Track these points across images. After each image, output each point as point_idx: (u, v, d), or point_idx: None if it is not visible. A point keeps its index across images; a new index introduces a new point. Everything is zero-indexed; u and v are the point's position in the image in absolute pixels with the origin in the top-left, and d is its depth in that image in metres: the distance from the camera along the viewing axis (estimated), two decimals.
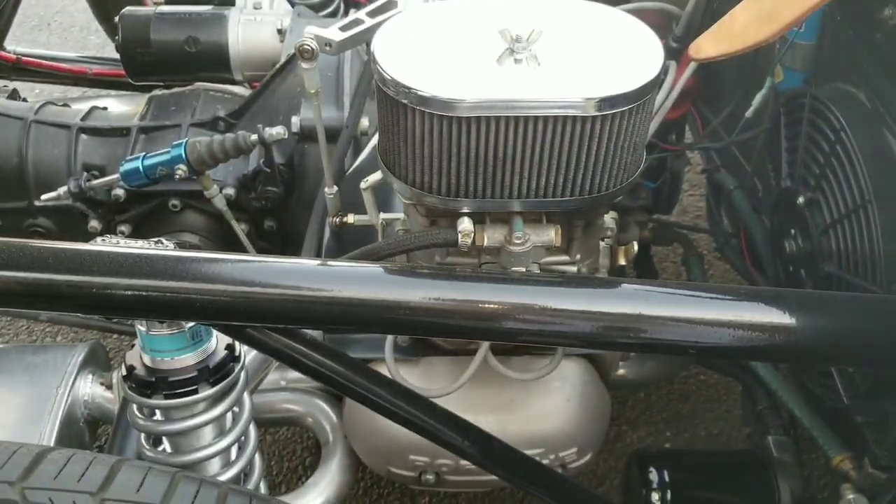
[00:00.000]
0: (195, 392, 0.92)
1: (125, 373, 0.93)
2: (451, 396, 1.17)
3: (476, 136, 0.91)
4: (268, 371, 1.24)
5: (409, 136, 0.94)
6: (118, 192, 1.47)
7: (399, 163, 0.98)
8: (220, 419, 0.97)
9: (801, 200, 1.24)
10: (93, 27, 3.21)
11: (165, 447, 1.00)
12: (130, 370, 0.92)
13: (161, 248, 0.86)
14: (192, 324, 0.89)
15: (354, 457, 1.33)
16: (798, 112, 1.27)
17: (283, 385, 1.39)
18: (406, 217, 1.12)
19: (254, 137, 1.37)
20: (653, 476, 1.33)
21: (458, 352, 1.25)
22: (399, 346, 1.24)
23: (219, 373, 0.93)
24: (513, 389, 1.24)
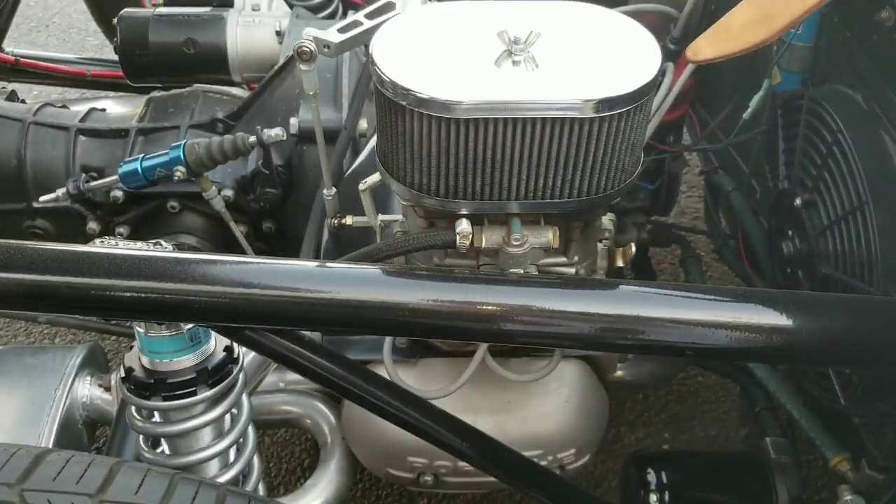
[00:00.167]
0: (194, 394, 0.92)
1: (124, 374, 0.93)
2: (450, 398, 1.17)
3: (474, 138, 0.91)
4: (266, 373, 1.24)
5: (408, 138, 0.94)
6: (117, 194, 1.47)
7: (397, 164, 0.98)
8: (219, 421, 0.97)
9: (799, 202, 1.24)
10: (91, 28, 3.21)
11: (164, 449, 1.00)
12: (129, 372, 0.92)
13: (160, 250, 0.85)
14: (191, 325, 0.89)
15: (353, 458, 1.33)
16: (795, 114, 1.27)
17: (282, 387, 1.39)
18: (404, 218, 1.12)
19: (252, 139, 1.37)
20: (651, 477, 1.34)
21: (456, 353, 1.25)
22: (397, 348, 1.24)
23: (217, 374, 0.93)
24: (511, 391, 1.24)
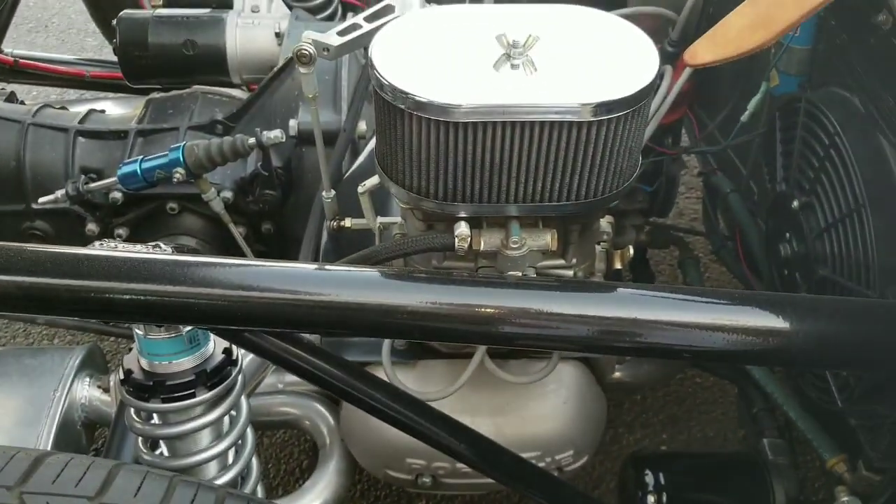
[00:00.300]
0: (193, 396, 0.92)
1: (123, 376, 0.93)
2: (448, 399, 1.18)
3: (473, 141, 0.92)
4: (265, 374, 1.24)
5: (407, 141, 0.94)
6: (116, 196, 1.47)
7: (396, 167, 0.98)
8: (218, 423, 0.97)
9: (796, 204, 1.24)
10: (90, 29, 3.21)
11: (163, 450, 1.00)
12: (128, 374, 0.93)
13: (159, 253, 0.86)
14: (190, 328, 0.90)
15: (351, 459, 1.33)
16: (793, 116, 1.27)
17: (281, 388, 1.39)
18: (403, 221, 1.12)
19: (251, 141, 1.37)
20: (648, 478, 1.34)
21: (455, 355, 1.26)
22: (396, 350, 1.25)
23: (216, 376, 0.93)
24: (509, 392, 1.24)
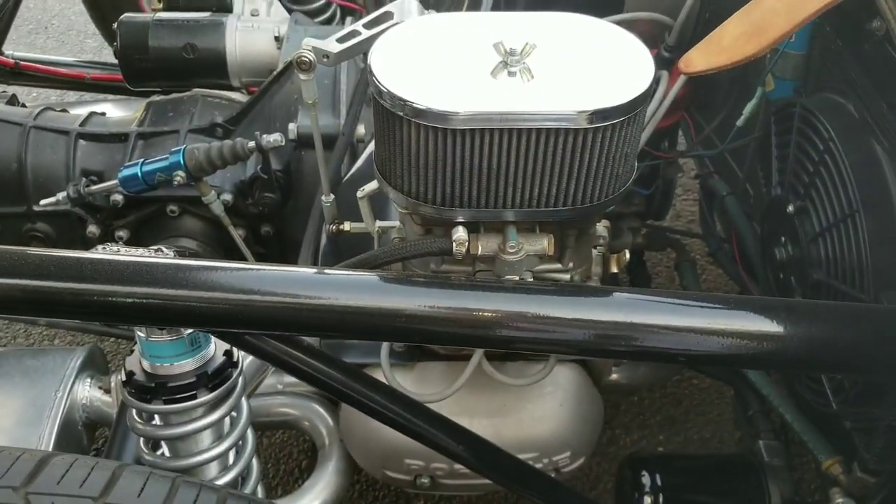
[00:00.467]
0: (194, 397, 0.93)
1: (125, 378, 0.94)
2: (446, 401, 1.19)
3: (470, 148, 0.93)
4: (265, 375, 1.26)
5: (405, 147, 0.95)
6: (117, 198, 1.48)
7: (395, 173, 1.00)
8: (219, 424, 0.98)
9: (791, 209, 1.25)
10: (90, 31, 3.22)
11: (164, 451, 1.01)
12: (130, 375, 0.94)
13: (161, 257, 0.87)
14: (192, 330, 0.91)
15: (350, 460, 1.35)
16: (788, 121, 1.29)
17: (280, 389, 1.40)
18: (402, 225, 1.13)
19: (251, 144, 1.38)
20: (645, 479, 1.35)
21: (453, 357, 1.27)
22: (394, 352, 1.26)
23: (217, 378, 0.94)
24: (507, 394, 1.25)
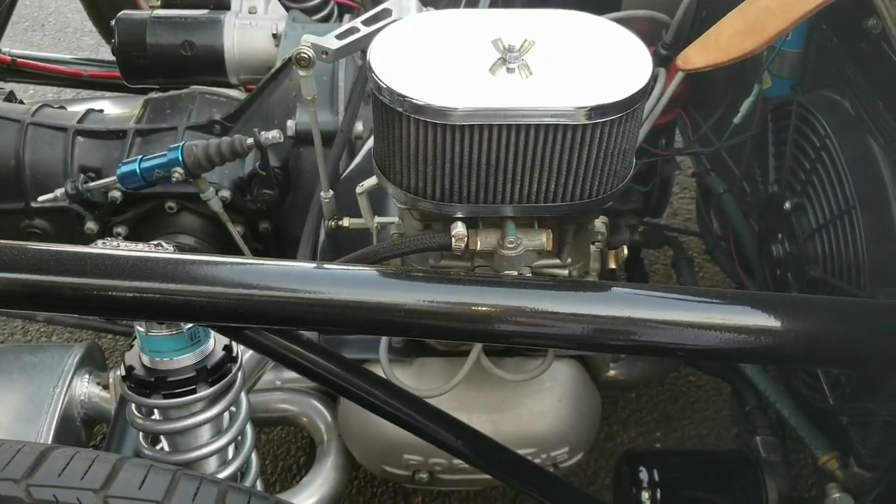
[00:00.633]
0: (194, 392, 0.93)
1: (124, 373, 0.94)
2: (444, 396, 1.19)
3: (469, 144, 0.93)
4: (264, 371, 1.26)
5: (404, 143, 0.96)
6: (115, 194, 1.49)
7: (394, 168, 1.00)
8: (218, 418, 0.99)
9: (788, 206, 1.26)
10: (87, 28, 3.22)
11: (163, 446, 1.01)
12: (130, 370, 0.94)
13: (161, 251, 0.87)
14: (191, 325, 0.91)
15: (349, 456, 1.35)
16: (785, 119, 1.29)
17: (279, 385, 1.40)
18: (400, 221, 1.14)
19: (250, 141, 1.38)
20: (643, 475, 1.36)
21: (451, 353, 1.27)
22: (393, 347, 1.26)
23: (217, 373, 0.95)
24: (505, 390, 1.26)
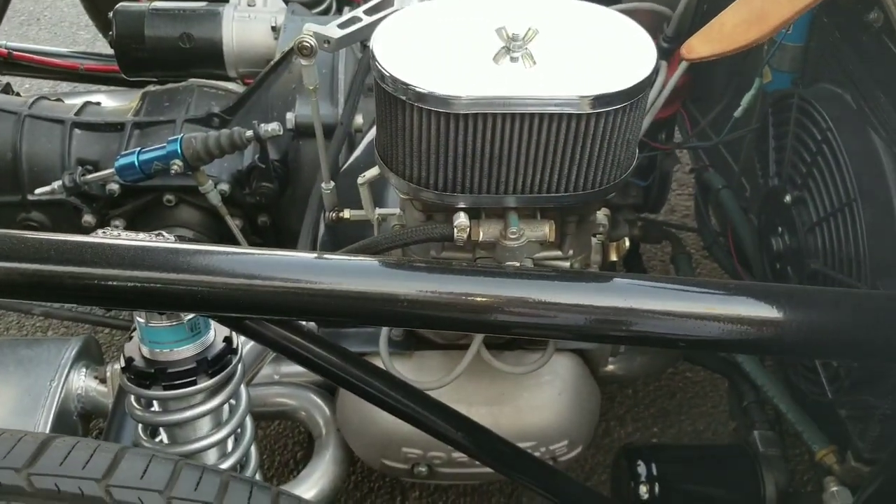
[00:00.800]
0: (194, 383, 0.93)
1: (124, 364, 0.94)
2: (444, 389, 1.19)
3: (472, 133, 0.93)
4: (262, 364, 1.25)
5: (407, 132, 0.95)
6: (113, 187, 1.48)
7: (396, 158, 0.99)
8: (218, 410, 0.98)
9: (788, 199, 1.26)
10: (82, 22, 3.21)
11: (163, 438, 1.01)
12: (129, 361, 0.93)
13: (162, 241, 0.86)
14: (191, 316, 0.90)
15: (347, 450, 1.35)
16: (786, 112, 1.29)
17: (276, 379, 1.40)
18: (402, 212, 1.13)
19: (249, 133, 1.38)
20: (641, 469, 1.36)
21: (450, 346, 1.27)
22: (392, 340, 1.26)
23: (217, 364, 0.94)
24: (505, 383, 1.26)
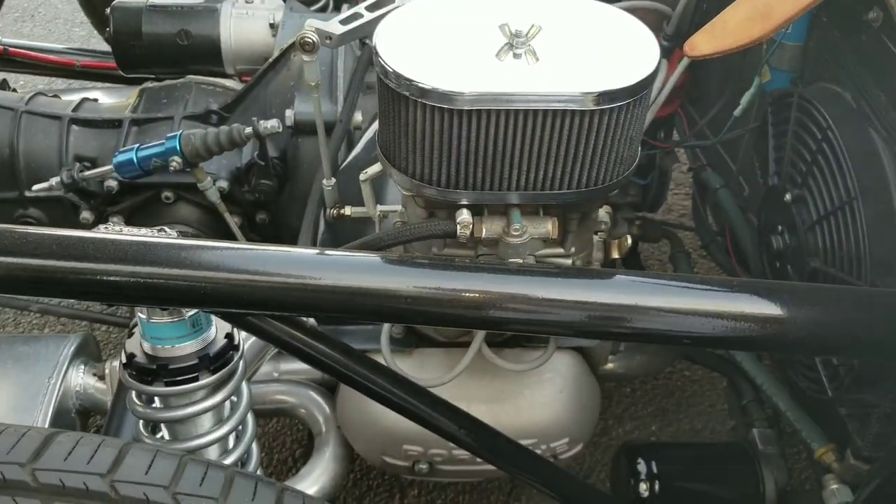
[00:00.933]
0: (196, 380, 0.93)
1: (125, 360, 0.93)
2: (445, 387, 1.18)
3: (476, 129, 0.93)
4: (262, 361, 1.25)
5: (410, 128, 0.95)
6: (111, 184, 1.47)
7: (399, 154, 0.99)
8: (219, 407, 0.98)
9: (789, 197, 1.26)
10: (77, 19, 3.20)
11: (164, 434, 1.00)
12: (131, 358, 0.93)
13: (165, 236, 0.86)
14: (193, 312, 0.90)
15: (348, 447, 1.34)
16: (786, 111, 1.29)
17: (276, 376, 1.40)
18: (403, 209, 1.13)
19: (248, 130, 1.37)
20: (641, 467, 1.36)
21: (451, 343, 1.27)
22: (393, 338, 1.25)
23: (219, 361, 0.94)
24: (505, 380, 1.26)
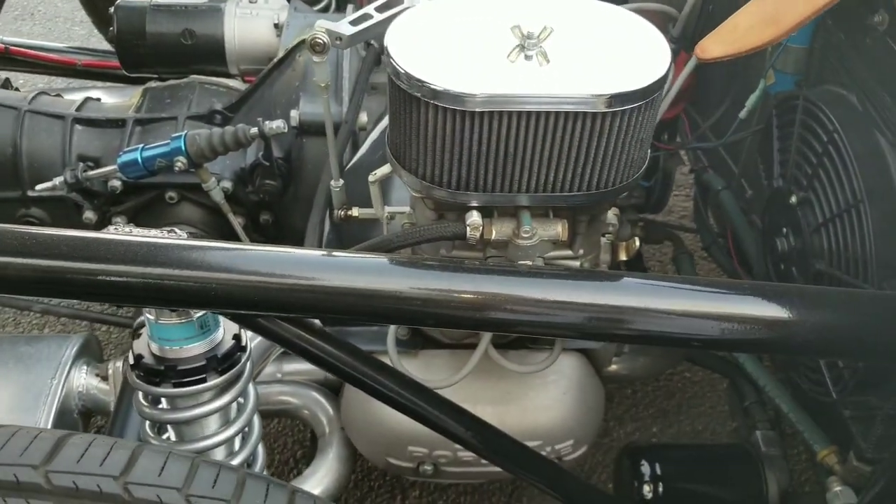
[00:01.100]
0: (203, 381, 0.92)
1: (133, 361, 0.93)
2: (450, 388, 1.18)
3: (487, 131, 0.93)
4: (267, 362, 1.25)
5: (421, 130, 0.95)
6: (115, 184, 1.47)
7: (409, 156, 0.99)
8: (226, 408, 0.98)
9: (794, 200, 1.26)
10: (77, 18, 3.19)
11: (170, 436, 1.00)
12: (138, 359, 0.93)
13: (174, 238, 0.86)
14: (201, 313, 0.90)
15: (351, 448, 1.34)
16: (790, 114, 1.29)
17: (279, 377, 1.40)
18: (412, 210, 1.13)
19: (254, 130, 1.37)
20: (644, 469, 1.36)
21: (457, 345, 1.27)
22: (399, 339, 1.25)
23: (227, 362, 0.94)
24: (510, 382, 1.26)
